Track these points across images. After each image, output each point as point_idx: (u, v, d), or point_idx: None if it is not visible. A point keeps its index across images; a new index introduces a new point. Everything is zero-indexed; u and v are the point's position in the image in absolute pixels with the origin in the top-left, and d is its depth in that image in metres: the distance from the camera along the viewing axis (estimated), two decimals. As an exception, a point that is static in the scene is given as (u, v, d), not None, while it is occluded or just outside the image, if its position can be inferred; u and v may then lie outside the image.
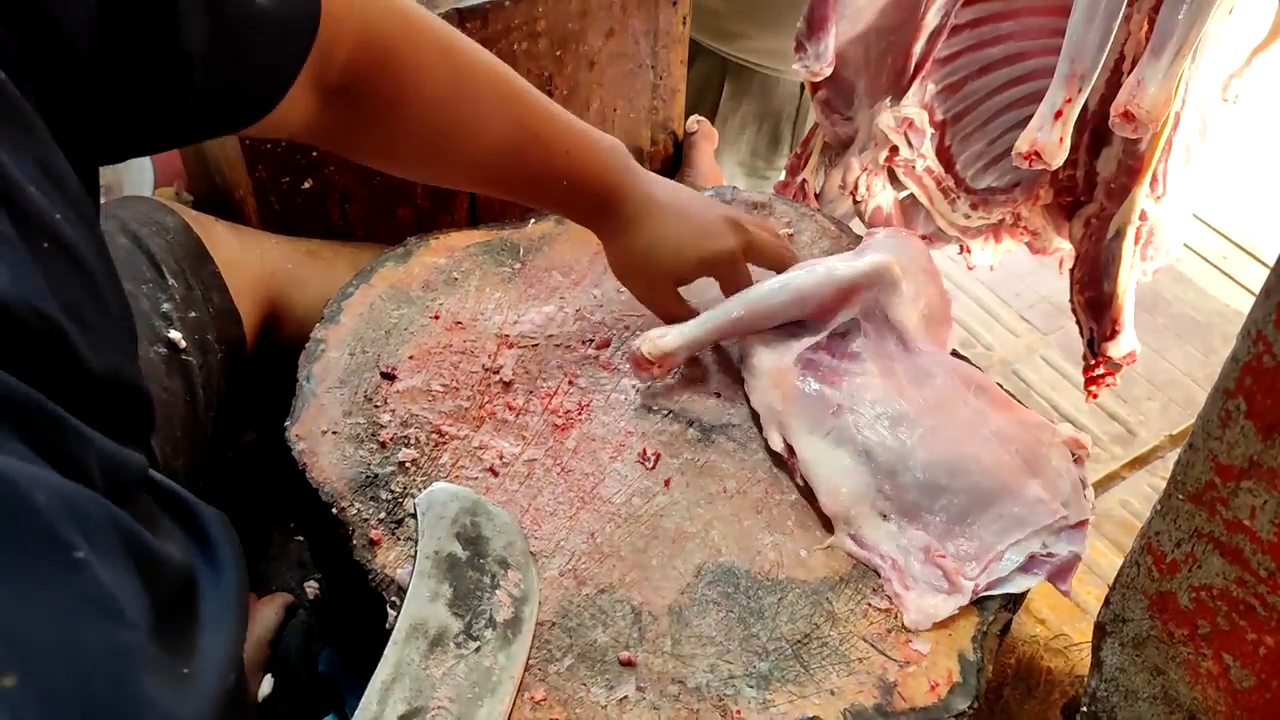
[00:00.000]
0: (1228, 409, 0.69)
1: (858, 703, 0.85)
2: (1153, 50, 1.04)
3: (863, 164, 1.38)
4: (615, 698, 0.84)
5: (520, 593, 0.86)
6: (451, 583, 0.84)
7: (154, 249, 1.00)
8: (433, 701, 0.77)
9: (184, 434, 0.95)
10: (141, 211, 1.05)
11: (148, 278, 0.98)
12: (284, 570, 1.18)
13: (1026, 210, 1.40)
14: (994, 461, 0.96)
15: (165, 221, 1.04)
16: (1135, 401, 1.94)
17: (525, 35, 1.21)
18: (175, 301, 0.99)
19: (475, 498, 0.91)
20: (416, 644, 0.80)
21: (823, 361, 1.02)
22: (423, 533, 0.86)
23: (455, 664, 0.80)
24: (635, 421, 1.04)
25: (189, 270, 1.02)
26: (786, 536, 0.96)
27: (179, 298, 0.99)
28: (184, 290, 1.00)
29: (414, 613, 0.81)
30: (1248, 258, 2.26)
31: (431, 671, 0.79)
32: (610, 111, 1.35)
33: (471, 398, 1.03)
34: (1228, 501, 0.72)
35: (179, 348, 0.96)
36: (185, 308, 0.99)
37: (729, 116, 1.89)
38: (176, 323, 0.98)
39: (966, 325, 2.08)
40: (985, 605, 0.93)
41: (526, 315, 1.12)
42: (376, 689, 0.76)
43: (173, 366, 0.96)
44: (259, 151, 1.13)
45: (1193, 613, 0.78)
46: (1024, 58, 1.30)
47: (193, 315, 1.00)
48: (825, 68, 1.32)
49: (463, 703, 0.78)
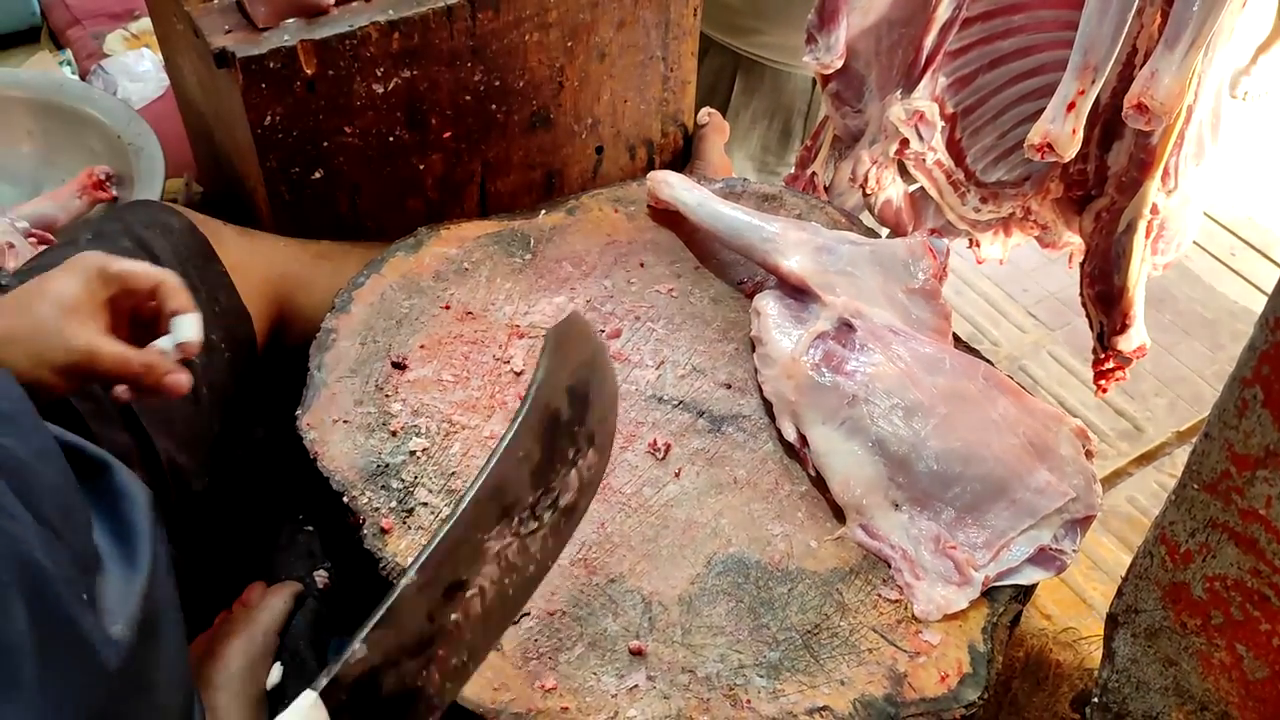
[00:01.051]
0: (1245, 398, 0.68)
1: (868, 693, 0.85)
2: (1167, 42, 1.04)
3: (873, 157, 1.37)
4: (625, 686, 0.84)
5: (589, 477, 0.80)
6: (543, 446, 0.76)
7: (157, 249, 1.01)
8: (476, 579, 0.71)
9: (187, 431, 0.96)
10: (147, 214, 1.05)
11: None
12: (294, 560, 1.18)
13: (1036, 204, 1.40)
14: (1004, 448, 0.96)
15: (170, 223, 1.04)
16: (1143, 398, 1.93)
17: (537, 26, 1.21)
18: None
19: (599, 346, 0.84)
20: (491, 509, 0.72)
21: (835, 352, 1.02)
22: (544, 368, 0.76)
23: (510, 543, 0.74)
24: (646, 412, 1.03)
25: (194, 270, 1.03)
26: (797, 527, 0.96)
27: None
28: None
29: (502, 472, 0.73)
30: (1256, 254, 2.26)
31: (490, 545, 0.72)
32: (621, 103, 1.35)
33: (482, 387, 1.03)
34: (1243, 491, 0.71)
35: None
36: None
37: (740, 112, 1.88)
38: None
39: (974, 321, 2.08)
40: (996, 597, 0.93)
41: (537, 305, 1.11)
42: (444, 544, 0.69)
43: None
44: (270, 142, 1.13)
45: (1206, 603, 0.78)
46: (1035, 51, 1.30)
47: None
48: (836, 60, 1.32)
49: (498, 585, 0.73)
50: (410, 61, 1.16)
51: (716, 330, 1.12)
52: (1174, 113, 1.09)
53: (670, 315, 1.13)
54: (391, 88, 1.16)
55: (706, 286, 1.17)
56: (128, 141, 1.41)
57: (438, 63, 1.17)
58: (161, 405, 0.93)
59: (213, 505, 1.00)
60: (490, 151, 1.29)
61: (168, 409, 0.94)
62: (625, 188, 1.28)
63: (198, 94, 1.31)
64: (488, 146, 1.28)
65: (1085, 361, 1.40)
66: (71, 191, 1.33)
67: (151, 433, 0.91)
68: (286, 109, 1.12)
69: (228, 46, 1.07)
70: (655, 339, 1.10)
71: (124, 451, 0.89)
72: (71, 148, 1.46)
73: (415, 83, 1.17)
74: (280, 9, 1.09)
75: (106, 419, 0.89)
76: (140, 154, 1.40)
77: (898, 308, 1.09)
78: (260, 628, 1.05)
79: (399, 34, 1.13)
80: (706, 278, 1.18)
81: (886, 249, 1.13)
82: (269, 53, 1.07)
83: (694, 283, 1.17)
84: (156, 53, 1.78)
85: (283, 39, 1.08)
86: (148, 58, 1.80)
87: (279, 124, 1.13)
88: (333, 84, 1.13)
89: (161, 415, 0.93)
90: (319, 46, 1.09)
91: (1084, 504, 0.96)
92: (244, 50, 1.07)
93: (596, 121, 1.35)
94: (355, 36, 1.11)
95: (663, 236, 1.22)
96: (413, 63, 1.16)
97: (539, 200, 1.36)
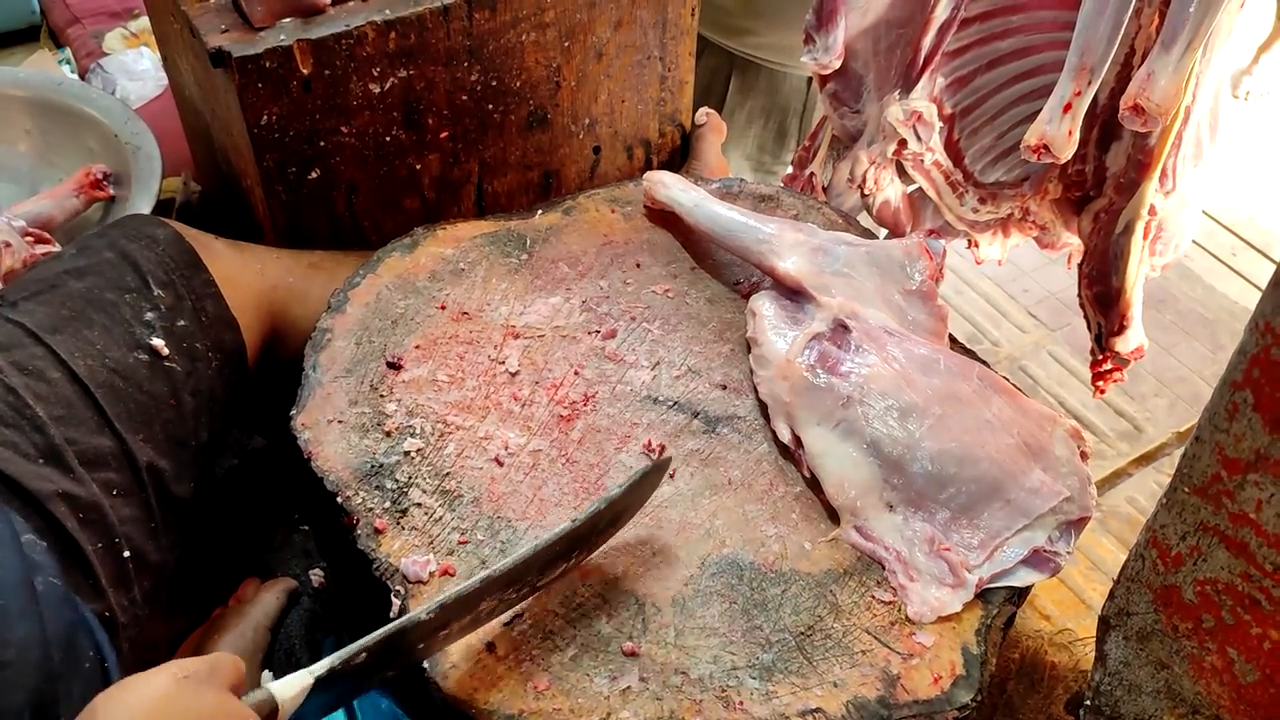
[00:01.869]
0: (1235, 401, 0.68)
1: (861, 695, 0.85)
2: (1163, 43, 1.04)
3: (871, 157, 1.37)
4: (618, 688, 0.84)
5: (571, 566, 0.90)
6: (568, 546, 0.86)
7: (140, 260, 1.02)
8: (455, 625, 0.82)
9: (167, 436, 0.97)
10: (132, 227, 1.07)
11: (131, 286, 1.00)
12: (289, 560, 1.18)
13: (1035, 205, 1.40)
14: (999, 448, 0.96)
15: (155, 234, 1.05)
16: (1142, 398, 1.93)
17: (534, 26, 1.21)
18: (160, 310, 1.01)
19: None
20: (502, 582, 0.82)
21: (830, 353, 1.02)
22: (621, 495, 0.88)
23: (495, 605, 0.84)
24: (640, 413, 1.03)
25: (179, 280, 1.03)
26: (791, 528, 0.96)
27: (165, 306, 1.01)
28: (172, 299, 1.02)
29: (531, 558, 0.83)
30: (1256, 254, 2.25)
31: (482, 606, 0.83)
32: (618, 103, 1.35)
33: (477, 388, 1.03)
34: (1234, 495, 0.71)
35: (161, 354, 0.99)
36: (172, 316, 1.01)
37: (736, 112, 1.88)
38: (160, 330, 1.00)
39: (974, 321, 2.08)
40: (990, 599, 0.93)
41: (533, 306, 1.12)
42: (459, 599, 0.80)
43: (156, 371, 0.98)
44: (266, 141, 1.13)
45: (1197, 607, 0.78)
46: (1033, 51, 1.30)
47: (180, 324, 1.01)
48: (834, 60, 1.32)
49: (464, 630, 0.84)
50: (407, 61, 1.16)
51: (712, 331, 1.12)
52: (1171, 114, 1.09)
53: (666, 316, 1.13)
54: (388, 87, 1.16)
55: (703, 287, 1.17)
56: (125, 140, 1.41)
57: (434, 62, 1.17)
58: (140, 410, 0.94)
59: (200, 510, 1.01)
60: (487, 151, 1.29)
61: (147, 414, 0.95)
62: (622, 188, 1.28)
63: (195, 93, 1.31)
64: (484, 146, 1.28)
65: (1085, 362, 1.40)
66: (69, 190, 1.34)
67: (130, 438, 0.92)
68: (283, 108, 1.12)
69: (224, 46, 1.07)
70: (651, 340, 1.10)
71: (103, 455, 0.90)
72: (69, 146, 1.46)
73: (412, 82, 1.17)
74: (276, 9, 1.09)
75: (83, 424, 0.90)
76: (138, 153, 1.40)
77: (894, 309, 1.09)
78: (252, 623, 1.06)
79: (395, 34, 1.13)
80: (703, 278, 1.18)
81: (883, 250, 1.13)
82: (265, 52, 1.07)
83: (690, 283, 1.17)
84: (155, 52, 1.79)
85: (279, 38, 1.08)
86: (147, 56, 1.80)
87: (275, 124, 1.13)
88: (329, 84, 1.13)
89: (141, 420, 0.94)
90: (315, 46, 1.10)
91: (1079, 505, 0.96)
92: (240, 50, 1.07)
93: (594, 121, 1.35)
94: (352, 36, 1.11)
95: (659, 237, 1.22)
96: (409, 62, 1.16)
97: (536, 200, 1.36)
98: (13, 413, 0.87)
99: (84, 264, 1.00)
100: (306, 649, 1.08)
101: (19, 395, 0.88)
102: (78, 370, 0.92)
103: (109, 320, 0.97)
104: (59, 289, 0.98)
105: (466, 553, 0.91)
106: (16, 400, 0.88)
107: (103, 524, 0.88)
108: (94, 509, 0.87)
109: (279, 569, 1.16)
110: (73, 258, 1.02)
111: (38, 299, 0.96)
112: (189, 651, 1.05)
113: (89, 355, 0.94)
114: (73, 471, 0.87)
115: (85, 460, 0.89)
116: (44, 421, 0.88)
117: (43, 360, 0.91)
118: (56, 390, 0.90)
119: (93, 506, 0.87)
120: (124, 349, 0.97)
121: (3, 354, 0.91)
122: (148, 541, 0.92)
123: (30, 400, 0.88)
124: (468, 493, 0.95)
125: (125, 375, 0.95)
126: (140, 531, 0.91)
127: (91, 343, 0.95)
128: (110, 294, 0.99)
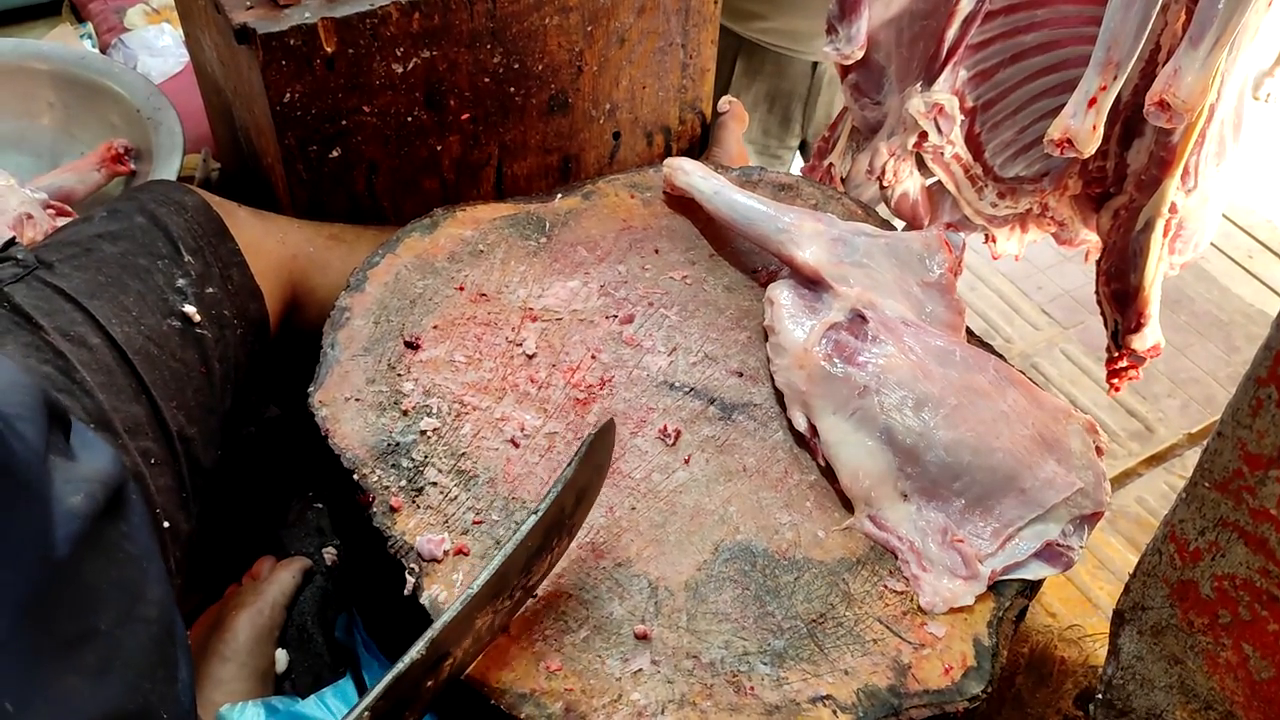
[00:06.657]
0: (1259, 397, 0.68)
1: (871, 683, 0.85)
2: (1191, 40, 1.03)
3: (891, 149, 1.37)
4: (630, 670, 0.84)
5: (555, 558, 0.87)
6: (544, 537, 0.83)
7: (171, 226, 1.01)
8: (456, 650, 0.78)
9: (198, 404, 0.97)
10: (160, 192, 1.06)
11: (163, 253, 1.00)
12: (303, 537, 1.19)
13: (1054, 200, 1.40)
14: (1014, 439, 0.96)
15: (184, 200, 1.05)
16: (1155, 398, 1.93)
17: (557, 9, 1.21)
18: (191, 277, 1.00)
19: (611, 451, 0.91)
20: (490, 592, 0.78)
21: (847, 343, 1.02)
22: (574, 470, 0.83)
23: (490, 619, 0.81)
24: (657, 398, 1.04)
25: (207, 247, 1.03)
26: (805, 516, 0.96)
27: (195, 273, 1.01)
28: (201, 266, 1.01)
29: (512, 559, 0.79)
30: (1273, 257, 2.24)
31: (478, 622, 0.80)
32: (639, 89, 1.35)
33: (494, 369, 1.03)
34: (1255, 491, 0.71)
35: (193, 321, 0.98)
36: (202, 283, 1.01)
37: (741, 95, 1.88)
38: (191, 297, 0.99)
39: (987, 317, 2.07)
40: (1002, 591, 0.93)
41: (551, 289, 1.12)
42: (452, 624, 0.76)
43: (187, 339, 0.98)
44: (288, 119, 1.13)
45: (1214, 602, 0.78)
46: (1057, 46, 1.29)
47: (209, 291, 1.01)
48: (857, 51, 1.32)
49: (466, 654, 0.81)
50: (430, 42, 1.16)
51: (729, 318, 1.12)
52: (1196, 111, 1.08)
53: (684, 302, 1.13)
54: (411, 68, 1.16)
55: (720, 274, 1.17)
56: (147, 116, 1.42)
57: (457, 44, 1.17)
58: (173, 377, 0.94)
59: (222, 480, 1.01)
60: (507, 134, 1.29)
61: (180, 381, 0.95)
62: (642, 174, 1.28)
63: (217, 70, 1.31)
64: (505, 129, 1.28)
65: (1097, 360, 1.40)
66: (90, 164, 1.34)
67: (164, 405, 0.92)
68: (306, 87, 1.12)
69: (249, 22, 1.08)
70: (668, 325, 1.10)
71: (141, 423, 0.89)
72: (91, 121, 1.46)
73: (434, 63, 1.17)
74: (302, -14, 1.10)
75: (119, 391, 0.89)
76: (159, 128, 1.40)
77: (912, 301, 1.09)
78: (268, 601, 1.06)
79: (419, 14, 1.13)
80: (721, 265, 1.18)
81: (902, 242, 1.13)
82: (289, 30, 1.08)
83: (708, 270, 1.17)
84: (177, 28, 1.79)
85: (304, 16, 1.09)
86: (168, 32, 1.81)
87: (298, 101, 1.13)
88: (352, 62, 1.13)
89: (174, 388, 0.94)
90: (339, 25, 1.10)
91: (1092, 500, 0.96)
92: (265, 27, 1.07)
93: (614, 107, 1.35)
94: (376, 15, 1.11)
95: (678, 223, 1.22)
96: (432, 43, 1.16)
97: (555, 184, 1.36)
98: (64, 378, 0.86)
99: (116, 228, 1.00)
100: (319, 627, 1.08)
101: (68, 359, 0.87)
102: (116, 337, 0.91)
103: (143, 286, 0.96)
104: (94, 253, 0.97)
105: (481, 532, 0.91)
106: (66, 364, 0.87)
107: (146, 494, 0.86)
108: (139, 478, 0.86)
109: (292, 546, 1.17)
110: (104, 220, 1.01)
111: (73, 263, 0.95)
112: (205, 628, 1.05)
113: (125, 321, 0.93)
114: (120, 438, 0.86)
115: (127, 428, 0.88)
116: (91, 387, 0.87)
117: (83, 326, 0.90)
118: (97, 357, 0.89)
119: (138, 476, 0.86)
120: (158, 315, 0.96)
121: (46, 318, 0.89)
122: (179, 511, 0.91)
123: (78, 365, 0.87)
124: (483, 473, 0.95)
125: (159, 342, 0.94)
126: (173, 502, 0.90)
127: (127, 309, 0.94)
128: (143, 259, 0.98)
